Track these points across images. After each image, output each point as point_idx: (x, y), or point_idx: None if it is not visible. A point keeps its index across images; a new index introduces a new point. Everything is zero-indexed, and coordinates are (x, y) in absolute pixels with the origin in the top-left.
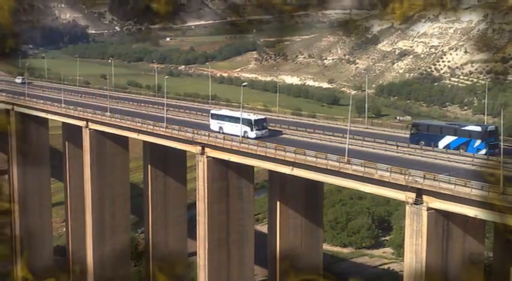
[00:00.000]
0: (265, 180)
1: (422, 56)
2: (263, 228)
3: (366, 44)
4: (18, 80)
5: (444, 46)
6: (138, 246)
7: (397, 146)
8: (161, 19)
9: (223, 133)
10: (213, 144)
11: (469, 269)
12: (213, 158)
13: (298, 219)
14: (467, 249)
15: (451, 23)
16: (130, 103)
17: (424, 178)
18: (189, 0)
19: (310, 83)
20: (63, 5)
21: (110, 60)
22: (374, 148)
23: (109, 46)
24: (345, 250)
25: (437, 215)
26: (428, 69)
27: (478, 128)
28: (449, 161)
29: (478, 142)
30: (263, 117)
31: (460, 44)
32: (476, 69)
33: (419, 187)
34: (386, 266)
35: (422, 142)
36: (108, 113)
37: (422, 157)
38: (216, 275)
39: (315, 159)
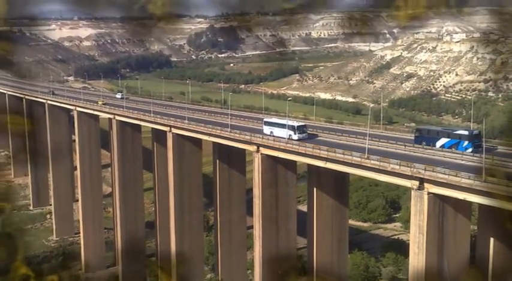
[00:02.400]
0: (305, 171)
1: (423, 77)
2: (303, 207)
3: (381, 69)
4: (118, 95)
5: (440, 70)
6: (209, 221)
7: (405, 145)
8: (226, 49)
9: (273, 136)
10: (266, 144)
11: (458, 239)
12: (265, 154)
13: (330, 201)
14: (457, 224)
15: (445, 53)
16: (203, 113)
17: (425, 170)
18: (248, 36)
19: (339, 98)
20: (152, 39)
21: (187, 81)
22: (387, 147)
23: (187, 70)
24: (365, 224)
25: (435, 198)
26: (428, 88)
27: (466, 132)
28: (444, 157)
29: (465, 143)
30: (303, 124)
31: (452, 68)
32: (464, 88)
33: (422, 176)
34: (396, 237)
35: (424, 143)
36: (186, 121)
37: (423, 154)
38: (268, 244)
39: (342, 155)
